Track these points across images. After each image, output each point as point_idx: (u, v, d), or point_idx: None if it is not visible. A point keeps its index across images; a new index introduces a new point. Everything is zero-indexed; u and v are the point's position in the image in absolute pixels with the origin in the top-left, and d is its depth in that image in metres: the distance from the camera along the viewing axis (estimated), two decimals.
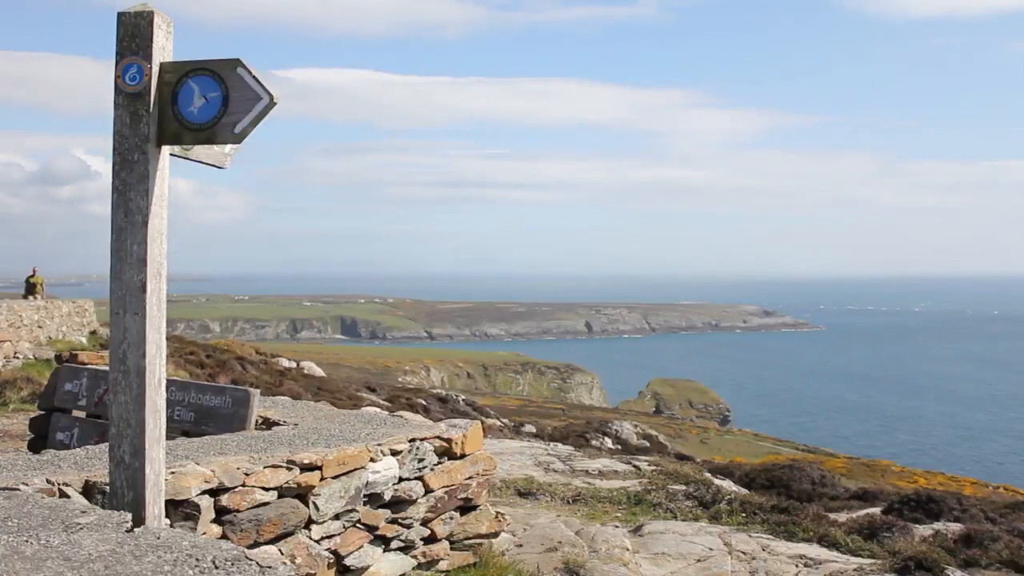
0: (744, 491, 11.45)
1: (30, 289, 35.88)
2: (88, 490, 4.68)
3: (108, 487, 4.12)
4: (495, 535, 7.21)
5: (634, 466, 12.28)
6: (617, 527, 8.72)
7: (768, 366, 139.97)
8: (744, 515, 9.58)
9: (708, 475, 12.09)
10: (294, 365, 38.15)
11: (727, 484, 11.69)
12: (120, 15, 3.94)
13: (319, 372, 39.19)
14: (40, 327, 30.95)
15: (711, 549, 8.19)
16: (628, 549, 7.95)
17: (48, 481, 4.57)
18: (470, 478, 6.95)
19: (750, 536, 8.72)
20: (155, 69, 3.92)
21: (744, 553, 8.15)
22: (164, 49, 3.98)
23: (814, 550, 8.36)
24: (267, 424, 6.94)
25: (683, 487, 10.71)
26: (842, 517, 10.07)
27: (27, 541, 3.25)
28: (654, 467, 12.30)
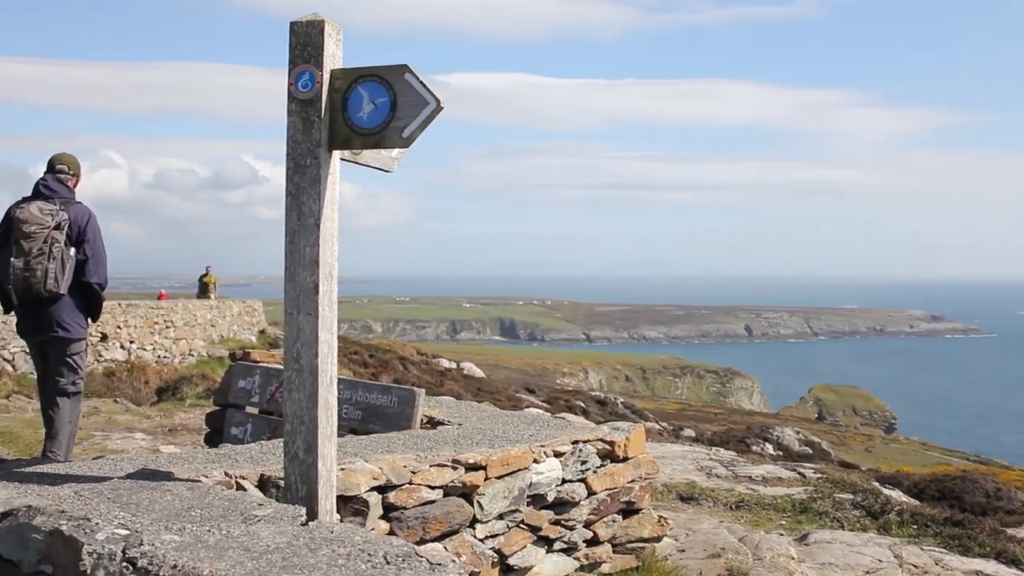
0: (914, 502, 11.08)
1: (203, 289, 37.19)
2: (263, 484, 4.83)
3: (282, 481, 4.25)
4: (658, 539, 7.16)
5: (799, 473, 12.03)
6: (782, 535, 8.55)
7: (936, 373, 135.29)
8: (915, 527, 9.27)
9: (876, 484, 11.75)
10: (454, 366, 38.65)
11: (896, 494, 11.34)
12: (293, 24, 4.06)
13: (479, 373, 39.61)
14: (213, 326, 32.10)
15: (880, 561, 7.95)
16: (793, 558, 7.78)
17: (226, 474, 4.74)
18: (633, 481, 6.92)
19: (922, 549, 8.42)
20: (326, 76, 4.02)
21: (915, 567, 7.89)
22: (334, 56, 4.09)
23: (991, 566, 8.03)
24: (432, 423, 7.05)
25: (850, 496, 10.42)
26: (1020, 533, 9.66)
27: (209, 531, 3.38)
28: (819, 474, 12.02)
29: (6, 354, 21.19)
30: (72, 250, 6.98)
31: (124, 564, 3.10)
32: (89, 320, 7.40)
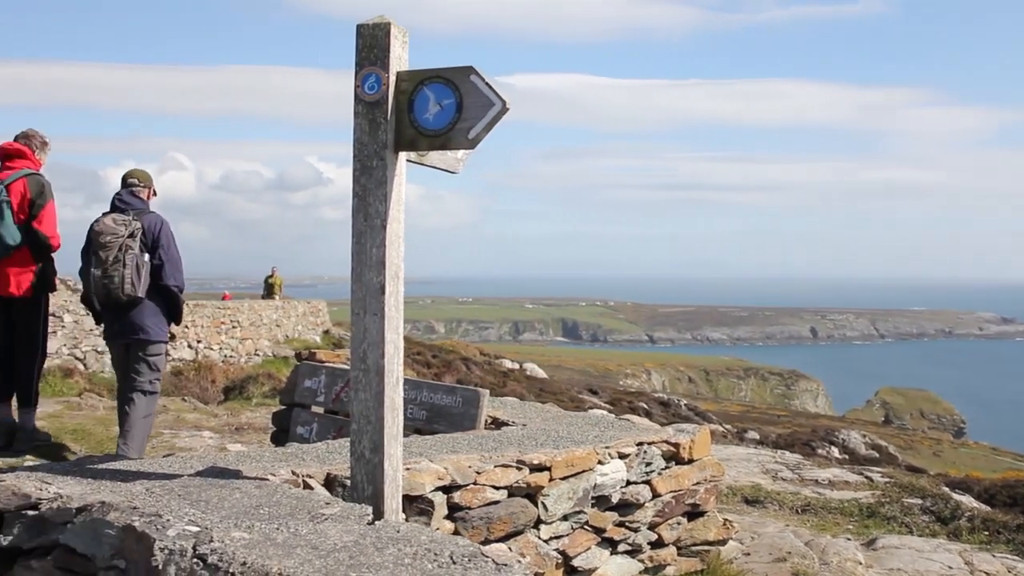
0: (985, 508, 10.88)
1: (269, 289, 37.58)
2: (329, 483, 4.88)
3: (349, 480, 4.28)
4: (723, 542, 7.11)
5: (866, 477, 11.88)
6: (849, 539, 8.45)
7: (1006, 376, 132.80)
8: (987, 533, 9.11)
9: (945, 489, 11.57)
10: (517, 366, 38.72)
11: (966, 499, 11.15)
12: (359, 27, 4.09)
13: (541, 374, 39.64)
14: (278, 326, 32.44)
15: (951, 568, 7.82)
16: (861, 563, 7.69)
17: (293, 473, 4.79)
18: (698, 483, 6.88)
19: (993, 556, 8.27)
20: (392, 78, 4.04)
21: (987, 574, 7.75)
22: (400, 59, 4.11)
23: None
24: (496, 424, 7.06)
25: (919, 501, 10.27)
26: None
27: (278, 529, 3.42)
28: (887, 479, 11.86)
29: (78, 353, 21.58)
30: (147, 256, 7.57)
31: (195, 560, 3.14)
32: (172, 324, 7.98)
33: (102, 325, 8.08)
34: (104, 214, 7.79)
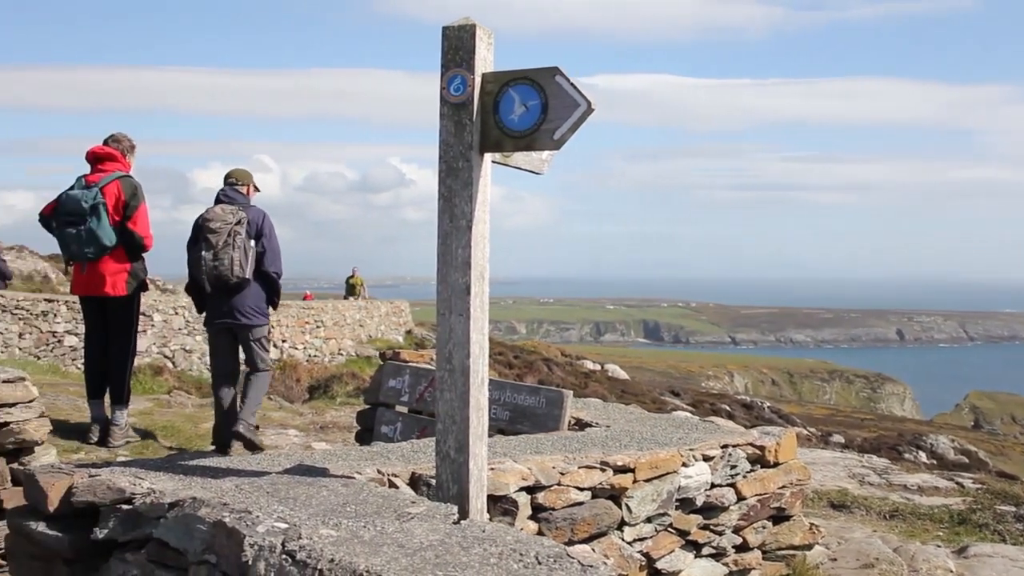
0: None
1: (350, 290, 37.92)
2: (414, 482, 4.91)
3: (433, 480, 4.31)
4: (808, 547, 7.02)
5: (956, 483, 11.63)
6: (939, 547, 8.27)
7: None
8: None
9: None
10: (598, 367, 38.62)
11: None
12: (445, 29, 4.11)
13: (623, 375, 39.49)
14: (361, 326, 32.74)
15: None
16: (951, 571, 7.53)
17: (379, 471, 4.84)
18: (783, 487, 6.80)
19: None
20: (477, 80, 4.06)
21: None
22: (485, 60, 4.12)
23: None
24: (579, 425, 7.05)
25: (1012, 508, 10.01)
26: None
27: (364, 527, 3.45)
28: (978, 485, 11.60)
29: (167, 351, 22.01)
30: (252, 242, 8.26)
31: (283, 557, 3.18)
32: (270, 308, 8.67)
33: (203, 313, 8.63)
34: (210, 208, 8.37)
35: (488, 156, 4.13)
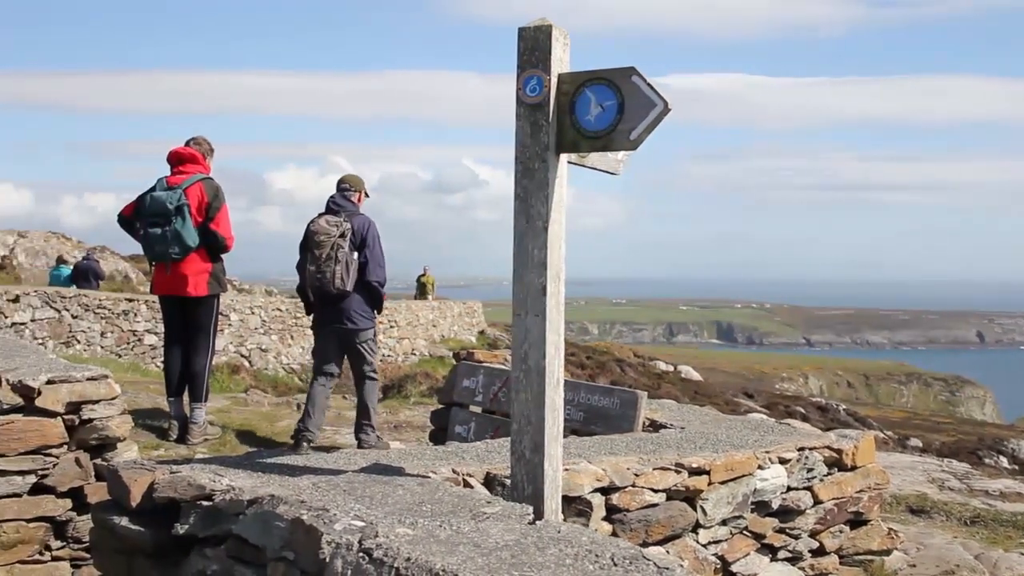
0: None
1: (421, 289, 38.14)
2: (489, 482, 4.93)
3: (508, 480, 4.32)
4: (887, 553, 6.91)
5: None
6: (1023, 555, 8.10)
7: None
8: None
9: None
10: (671, 368, 38.39)
11: None
12: (521, 30, 4.11)
13: (696, 376, 39.21)
14: (434, 326, 32.91)
15: None
16: None
17: (454, 471, 4.86)
18: (861, 491, 6.70)
19: None
20: (553, 80, 4.05)
21: None
22: (561, 61, 4.11)
23: None
24: (654, 426, 7.02)
25: None
26: None
27: (440, 526, 3.47)
28: None
29: (243, 351, 22.33)
30: (355, 254, 8.55)
31: (360, 554, 3.21)
32: (375, 313, 8.93)
33: (311, 315, 9.01)
34: (319, 215, 8.66)
35: (564, 157, 4.13)
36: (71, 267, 24.06)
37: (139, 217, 8.48)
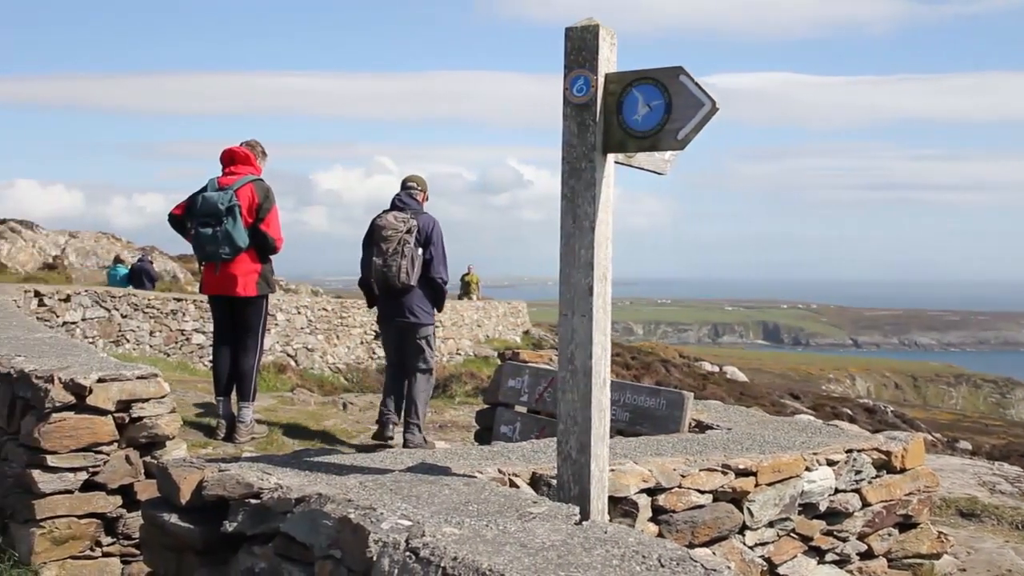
0: None
1: (465, 288, 38.18)
2: (535, 482, 4.93)
3: (554, 480, 4.32)
4: (936, 556, 6.83)
5: None
6: None
7: None
8: None
9: None
10: (716, 369, 38.25)
11: None
12: (568, 30, 4.11)
13: (741, 377, 39.04)
14: (479, 326, 32.98)
15: None
16: None
17: (500, 471, 4.87)
18: (910, 494, 6.63)
19: None
20: (601, 80, 4.05)
21: None
22: (608, 60, 4.11)
23: None
24: (700, 427, 6.99)
25: None
26: None
27: (487, 525, 3.47)
28: None
29: (289, 350, 22.49)
30: (420, 250, 8.96)
31: (407, 553, 3.22)
32: (436, 310, 9.34)
33: (375, 308, 9.51)
34: (385, 211, 9.10)
35: (611, 157, 4.12)
36: (128, 267, 24.47)
37: (190, 217, 8.58)
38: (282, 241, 8.82)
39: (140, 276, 23.40)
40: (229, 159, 8.75)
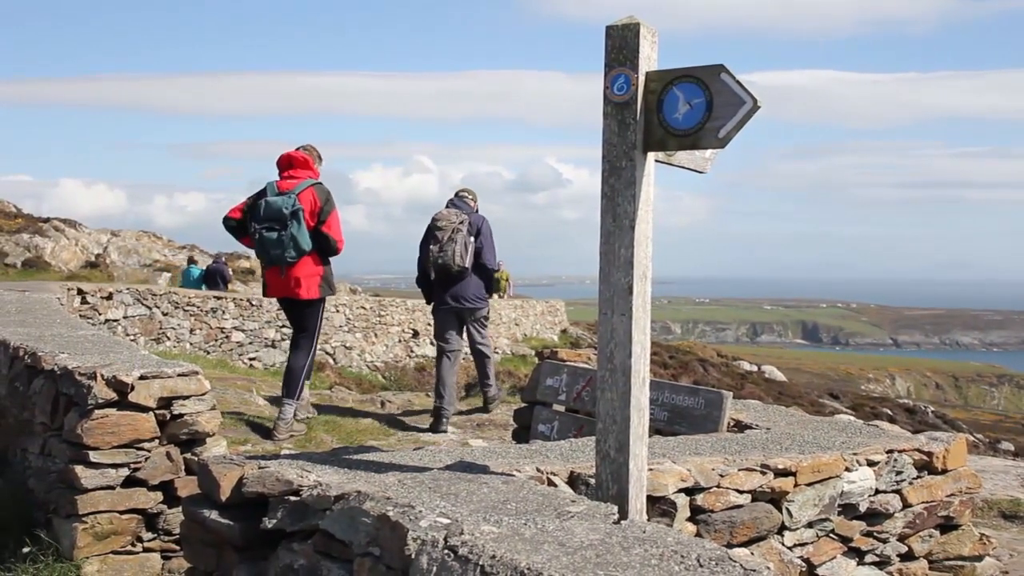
0: None
1: (496, 284, 38.12)
2: (573, 480, 4.93)
3: (592, 479, 4.31)
4: (979, 559, 6.75)
5: None
6: None
7: None
8: None
9: None
10: (755, 369, 38.04)
11: None
12: (608, 28, 4.10)
13: (780, 377, 38.80)
14: (517, 325, 32.96)
15: None
16: None
17: (538, 470, 4.86)
18: (952, 495, 6.56)
19: None
20: (641, 78, 4.03)
21: None
22: (649, 59, 4.09)
23: None
24: (738, 427, 6.95)
25: None
26: None
27: (525, 524, 3.47)
28: None
29: (327, 348, 22.58)
30: (472, 238, 10.15)
31: (446, 551, 3.22)
32: (488, 294, 10.64)
33: (431, 303, 10.68)
34: (439, 211, 10.33)
35: (651, 155, 4.10)
36: (201, 268, 25.15)
37: (252, 221, 8.68)
38: (343, 243, 8.97)
39: (215, 277, 24.35)
40: (287, 163, 8.86)
